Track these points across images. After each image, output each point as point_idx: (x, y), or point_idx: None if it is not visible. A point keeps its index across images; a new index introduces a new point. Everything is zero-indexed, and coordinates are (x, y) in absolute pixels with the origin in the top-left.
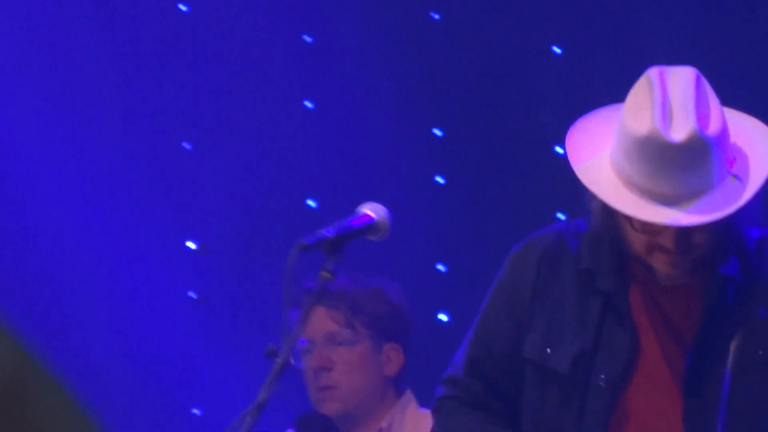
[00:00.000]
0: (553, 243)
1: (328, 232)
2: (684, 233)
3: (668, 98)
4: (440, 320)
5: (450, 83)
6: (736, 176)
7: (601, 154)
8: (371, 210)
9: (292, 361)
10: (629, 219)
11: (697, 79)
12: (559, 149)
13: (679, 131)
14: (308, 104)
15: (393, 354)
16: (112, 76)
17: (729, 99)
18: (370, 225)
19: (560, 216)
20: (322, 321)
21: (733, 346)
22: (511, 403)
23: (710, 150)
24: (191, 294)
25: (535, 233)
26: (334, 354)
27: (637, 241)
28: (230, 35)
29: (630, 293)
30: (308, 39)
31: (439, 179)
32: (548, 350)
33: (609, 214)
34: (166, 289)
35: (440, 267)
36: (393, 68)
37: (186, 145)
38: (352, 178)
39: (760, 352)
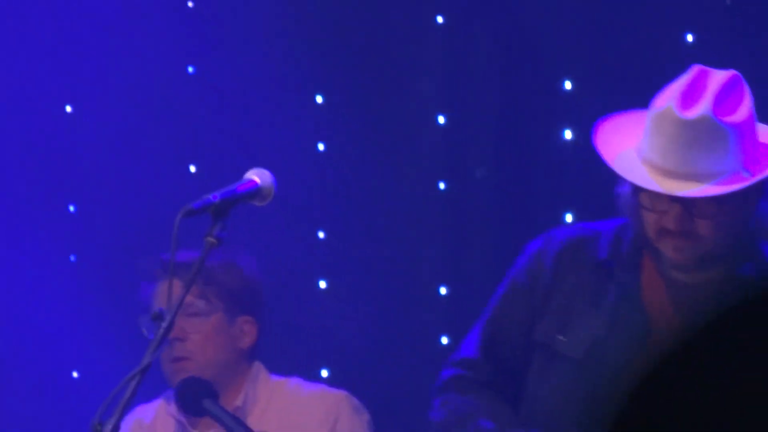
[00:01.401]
0: (574, 238)
1: (213, 197)
2: (686, 216)
3: (698, 87)
4: (320, 288)
5: (335, 49)
6: (749, 171)
7: (632, 146)
8: (257, 175)
9: (145, 333)
10: (639, 196)
11: (734, 78)
12: (441, 118)
13: (694, 111)
14: (190, 69)
15: (247, 327)
16: None
17: None
18: (255, 190)
19: (442, 186)
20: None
21: None
22: (518, 387)
23: (723, 135)
24: (72, 258)
25: (558, 228)
26: (188, 325)
27: (648, 223)
28: None
29: (644, 286)
30: (190, 3)
31: (321, 146)
32: (561, 337)
33: (631, 197)
34: (47, 253)
35: (321, 235)
36: (277, 33)
37: (68, 108)
38: (236, 145)
39: None
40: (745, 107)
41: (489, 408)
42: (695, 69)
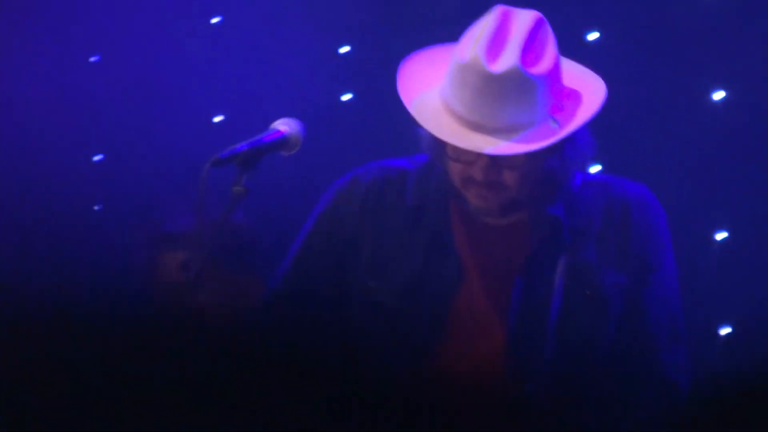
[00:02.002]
0: (379, 178)
1: (240, 147)
2: (494, 167)
3: (502, 33)
4: None
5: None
6: (556, 120)
7: (435, 85)
8: (284, 125)
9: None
10: (446, 146)
11: (538, 22)
12: None
13: (501, 63)
14: (215, 19)
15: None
16: None
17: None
18: (282, 139)
19: None
20: (176, 260)
21: (557, 284)
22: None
23: (531, 88)
24: (96, 207)
25: (360, 168)
26: None
27: (454, 171)
28: None
29: (454, 230)
30: None
31: (345, 97)
32: (373, 283)
33: (434, 143)
34: (72, 202)
35: None
36: None
37: (92, 58)
38: (262, 95)
39: (588, 291)
40: (551, 54)
41: None
42: (498, 11)
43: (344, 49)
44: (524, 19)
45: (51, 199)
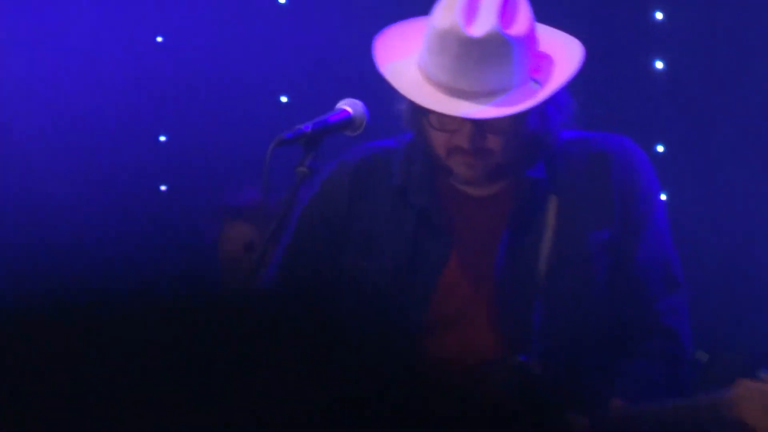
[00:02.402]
0: (366, 160)
1: (305, 127)
2: (478, 133)
3: None
4: None
5: None
6: (537, 81)
7: (411, 55)
8: (349, 105)
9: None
10: (428, 117)
11: None
12: None
13: (479, 27)
14: (282, 0)
15: None
16: None
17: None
18: (347, 120)
19: None
20: (242, 237)
21: (543, 247)
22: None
23: (510, 50)
24: (163, 187)
25: (347, 152)
26: None
27: (437, 142)
28: None
29: (442, 207)
30: None
31: None
32: (364, 263)
33: (415, 116)
34: (138, 183)
35: None
36: None
37: (159, 38)
38: (328, 76)
39: (574, 252)
40: (526, 15)
41: None
42: None
43: None
44: None
45: (117, 180)
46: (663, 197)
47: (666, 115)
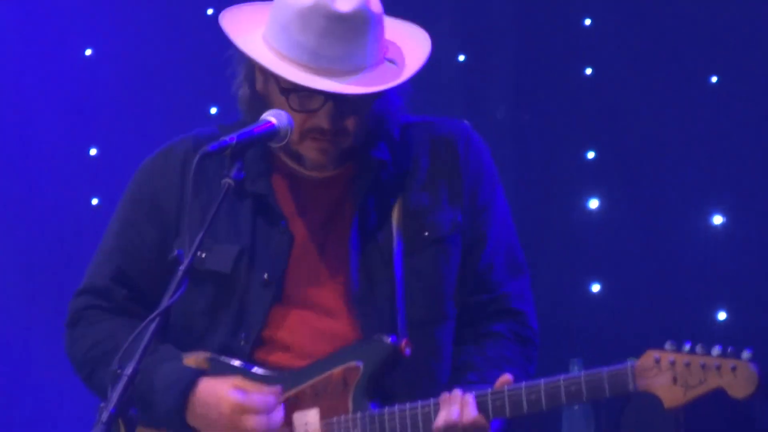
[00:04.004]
0: (194, 149)
1: (230, 138)
2: (337, 114)
3: None
4: None
5: None
6: (392, 60)
7: (253, 33)
8: (274, 116)
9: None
10: (286, 96)
11: None
12: (461, 57)
13: (346, 3)
14: (210, 11)
15: None
16: None
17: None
18: (272, 131)
19: None
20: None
21: (394, 229)
22: (154, 308)
23: (372, 26)
24: (94, 201)
25: (168, 143)
26: None
27: (293, 124)
28: None
29: (277, 191)
30: None
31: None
32: (201, 254)
33: (258, 105)
34: (69, 196)
35: None
36: None
37: (88, 51)
38: None
39: (426, 233)
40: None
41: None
42: None
43: None
44: None
45: (48, 194)
46: (595, 203)
47: (596, 121)
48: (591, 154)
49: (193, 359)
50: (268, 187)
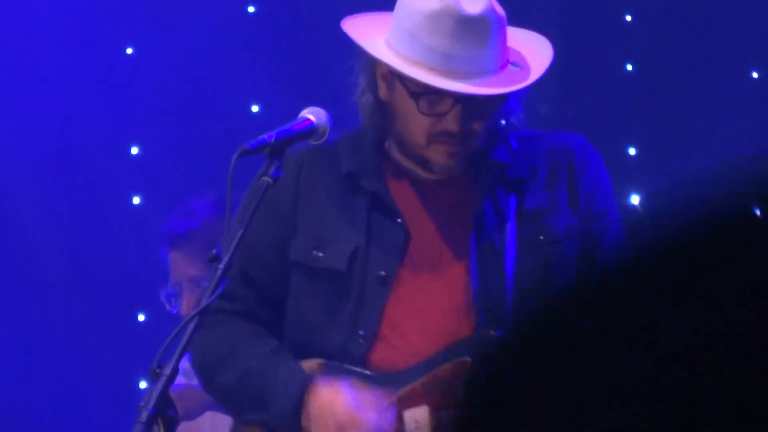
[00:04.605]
0: (310, 152)
1: (269, 136)
2: (465, 117)
3: None
4: None
5: None
6: (516, 64)
7: (376, 40)
8: (312, 114)
9: (168, 307)
10: (416, 99)
11: None
12: None
13: (473, 6)
14: (251, 9)
15: None
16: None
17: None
18: (311, 129)
19: None
20: (182, 267)
21: (509, 231)
22: (277, 310)
23: (498, 29)
24: (135, 200)
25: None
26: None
27: (419, 130)
28: None
29: (393, 191)
30: None
31: None
32: (318, 253)
33: (381, 110)
34: (111, 194)
35: None
36: None
37: (129, 50)
38: (296, 84)
39: (541, 237)
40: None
41: (252, 344)
42: None
43: None
44: None
45: (89, 193)
46: (636, 199)
47: (637, 117)
48: (632, 150)
49: (307, 366)
50: (383, 184)
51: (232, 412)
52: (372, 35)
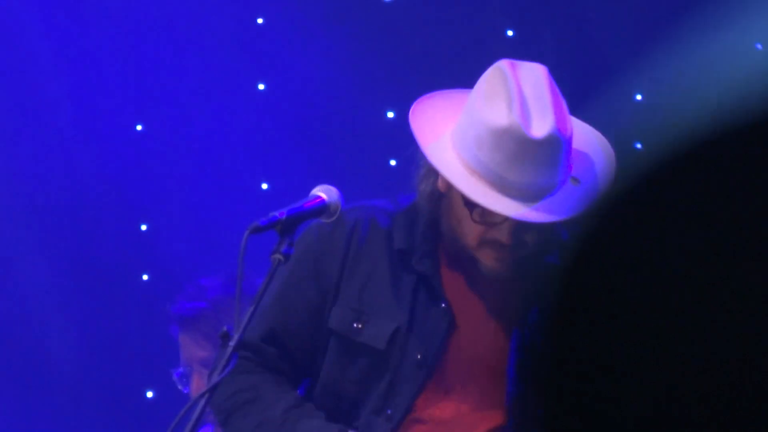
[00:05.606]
0: (364, 219)
1: (280, 213)
2: (519, 230)
3: (523, 92)
4: None
5: (404, 65)
6: (577, 178)
7: (442, 135)
8: (324, 192)
9: (180, 387)
10: (470, 209)
11: (549, 77)
12: None
13: (539, 128)
14: (261, 86)
15: None
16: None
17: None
18: (322, 206)
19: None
20: (190, 348)
21: None
22: (303, 369)
23: (563, 150)
24: (144, 277)
25: (342, 210)
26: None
27: (470, 233)
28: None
29: (444, 275)
30: (260, 20)
31: (393, 162)
32: (358, 325)
33: (437, 199)
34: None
35: None
36: (344, 49)
37: (138, 127)
38: (306, 161)
39: None
40: (567, 111)
41: (275, 392)
42: (508, 67)
43: (390, 114)
44: (536, 73)
45: (99, 269)
46: None
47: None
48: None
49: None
50: (435, 267)
51: None
52: (439, 127)
